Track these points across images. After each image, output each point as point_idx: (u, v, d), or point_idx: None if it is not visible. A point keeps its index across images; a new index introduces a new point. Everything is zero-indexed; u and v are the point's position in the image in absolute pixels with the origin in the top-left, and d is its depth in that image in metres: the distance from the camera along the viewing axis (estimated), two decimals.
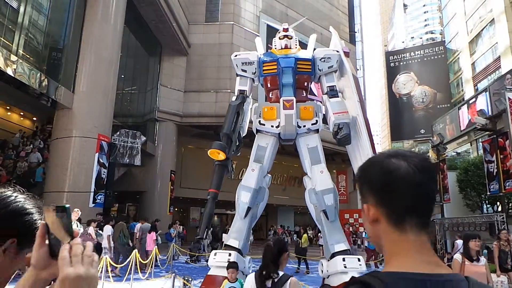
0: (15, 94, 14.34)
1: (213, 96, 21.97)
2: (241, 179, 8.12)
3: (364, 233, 16.63)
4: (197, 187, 23.58)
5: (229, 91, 21.69)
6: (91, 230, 10.19)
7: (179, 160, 22.90)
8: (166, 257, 12.42)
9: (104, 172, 13.91)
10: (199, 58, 22.35)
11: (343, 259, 6.86)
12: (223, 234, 17.09)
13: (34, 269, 0.84)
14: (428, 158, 0.92)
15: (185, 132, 22.87)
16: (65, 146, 13.38)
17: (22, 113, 19.19)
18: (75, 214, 8.80)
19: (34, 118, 19.90)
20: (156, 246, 11.61)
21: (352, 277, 0.86)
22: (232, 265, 4.86)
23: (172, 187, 21.22)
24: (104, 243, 10.12)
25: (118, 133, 15.57)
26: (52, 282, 0.81)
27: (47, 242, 0.83)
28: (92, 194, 13.14)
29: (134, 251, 9.31)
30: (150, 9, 18.22)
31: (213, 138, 23.68)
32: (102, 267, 7.59)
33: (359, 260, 6.79)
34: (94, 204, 13.19)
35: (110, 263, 8.08)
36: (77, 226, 8.99)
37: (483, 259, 4.63)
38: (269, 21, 22.28)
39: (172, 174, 21.33)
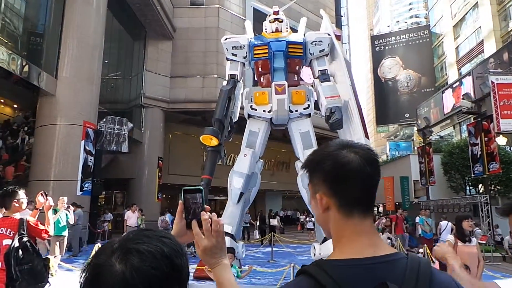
0: None
1: (200, 81, 21.67)
2: (231, 165, 8.08)
3: (418, 217, 13.25)
4: (185, 173, 23.45)
5: (216, 76, 21.42)
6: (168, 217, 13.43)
7: (167, 146, 22.67)
8: None
9: (90, 159, 13.66)
10: (184, 42, 21.91)
11: None
12: (270, 219, 18.10)
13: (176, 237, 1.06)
14: (371, 148, 0.99)
15: (172, 118, 22.58)
16: (50, 134, 13.05)
17: (2, 100, 18.58)
18: (61, 202, 8.60)
19: (15, 106, 19.32)
20: None
21: (302, 266, 0.92)
22: (228, 251, 4.84)
23: (160, 174, 21.05)
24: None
25: (104, 120, 15.24)
26: None
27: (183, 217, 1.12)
28: (79, 182, 12.92)
29: None
30: None
31: (201, 124, 23.49)
32: None
33: None
34: (81, 192, 12.99)
35: None
36: (67, 215, 8.83)
37: (474, 240, 4.74)
38: (256, 4, 21.93)
39: (160, 161, 21.14)
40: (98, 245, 7.36)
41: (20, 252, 3.16)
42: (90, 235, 13.76)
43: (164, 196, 23.57)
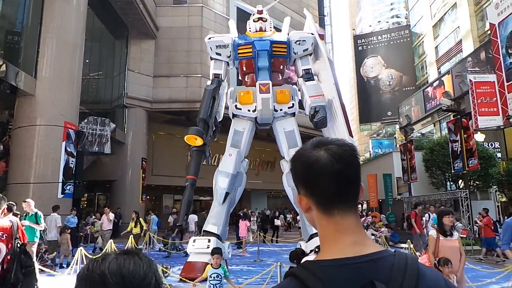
0: None
1: (184, 81, 21.50)
2: (215, 165, 8.06)
3: (432, 215, 12.21)
4: (169, 174, 23.24)
5: (200, 75, 21.29)
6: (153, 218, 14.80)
7: (150, 147, 22.42)
8: (142, 245, 12.26)
9: (72, 161, 13.37)
10: (168, 41, 21.70)
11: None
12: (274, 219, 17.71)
13: None
14: (347, 144, 0.96)
15: (156, 119, 22.34)
16: (29, 135, 12.71)
17: None
18: (27, 205, 8.11)
19: None
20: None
21: (290, 268, 0.92)
22: (216, 251, 4.83)
23: (143, 175, 20.78)
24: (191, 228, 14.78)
25: (86, 120, 14.94)
26: None
27: None
28: (60, 184, 12.63)
29: None
30: None
31: (185, 124, 23.19)
32: None
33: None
34: (63, 195, 12.70)
35: None
36: (39, 217, 8.32)
37: (456, 234, 4.86)
38: (239, 3, 21.88)
39: (143, 162, 20.87)
40: (81, 249, 7.22)
41: (23, 256, 3.21)
42: (73, 239, 13.46)
43: (148, 197, 23.28)
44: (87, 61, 17.31)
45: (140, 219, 13.00)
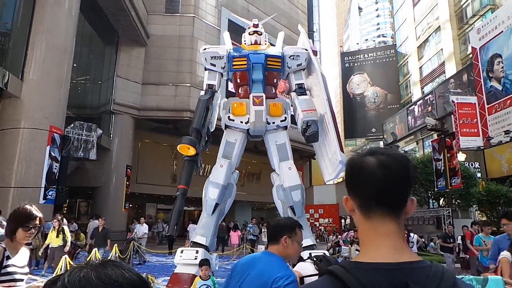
0: None
1: (172, 89, 21.43)
2: (202, 176, 8.01)
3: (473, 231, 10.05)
4: (153, 182, 22.94)
5: (189, 85, 21.29)
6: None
7: (136, 154, 22.12)
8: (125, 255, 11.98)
9: (56, 166, 13.08)
10: (158, 50, 21.66)
11: (310, 254, 7.02)
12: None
13: None
14: (400, 155, 0.98)
15: (143, 126, 22.11)
16: (12, 138, 12.41)
17: None
18: None
19: None
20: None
21: (328, 268, 0.94)
22: (205, 262, 4.77)
23: (127, 183, 20.44)
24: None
25: (72, 125, 14.69)
26: None
27: None
28: (42, 190, 12.31)
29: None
30: None
31: (172, 132, 22.99)
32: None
33: (324, 255, 6.98)
34: (45, 201, 12.38)
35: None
36: None
37: None
38: (230, 15, 22.11)
39: (128, 169, 20.55)
40: (65, 257, 7.02)
41: None
42: None
43: (131, 206, 22.86)
44: (74, 65, 17.11)
45: (64, 227, 9.74)
